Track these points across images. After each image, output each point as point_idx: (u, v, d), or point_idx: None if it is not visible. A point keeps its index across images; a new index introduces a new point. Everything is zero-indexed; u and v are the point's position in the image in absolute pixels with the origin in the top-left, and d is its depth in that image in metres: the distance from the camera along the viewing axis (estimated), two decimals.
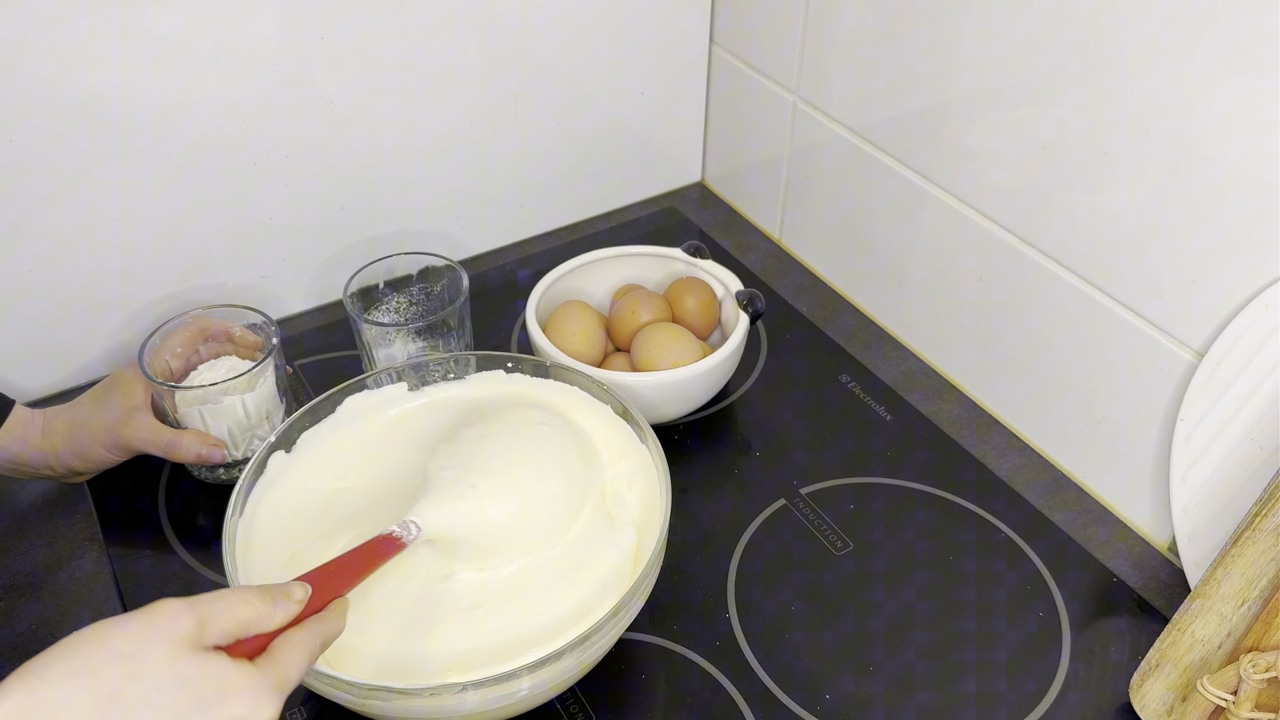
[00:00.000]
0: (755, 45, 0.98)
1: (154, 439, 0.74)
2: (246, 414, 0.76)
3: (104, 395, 0.76)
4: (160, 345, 0.77)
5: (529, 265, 1.01)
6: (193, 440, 0.74)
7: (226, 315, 0.80)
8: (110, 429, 0.74)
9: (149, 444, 0.74)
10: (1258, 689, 0.57)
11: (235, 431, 0.76)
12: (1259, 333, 0.65)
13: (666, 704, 0.66)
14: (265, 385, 0.77)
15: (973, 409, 0.87)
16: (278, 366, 0.78)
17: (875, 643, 0.70)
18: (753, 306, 0.83)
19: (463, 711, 0.58)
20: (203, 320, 0.79)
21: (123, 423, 0.74)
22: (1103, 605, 0.72)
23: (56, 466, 0.75)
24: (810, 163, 0.97)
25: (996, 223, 0.80)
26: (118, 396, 0.75)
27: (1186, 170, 0.66)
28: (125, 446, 0.75)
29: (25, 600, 0.72)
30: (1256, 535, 0.59)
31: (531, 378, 0.75)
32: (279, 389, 0.78)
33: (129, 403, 0.75)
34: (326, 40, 0.83)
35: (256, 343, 0.80)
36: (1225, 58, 0.62)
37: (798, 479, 0.80)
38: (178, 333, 0.78)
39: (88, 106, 0.77)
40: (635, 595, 0.61)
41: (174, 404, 0.75)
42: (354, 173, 0.91)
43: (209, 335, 0.79)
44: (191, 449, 0.74)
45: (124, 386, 0.76)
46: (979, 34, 0.76)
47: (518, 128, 0.97)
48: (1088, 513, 0.79)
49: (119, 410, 0.75)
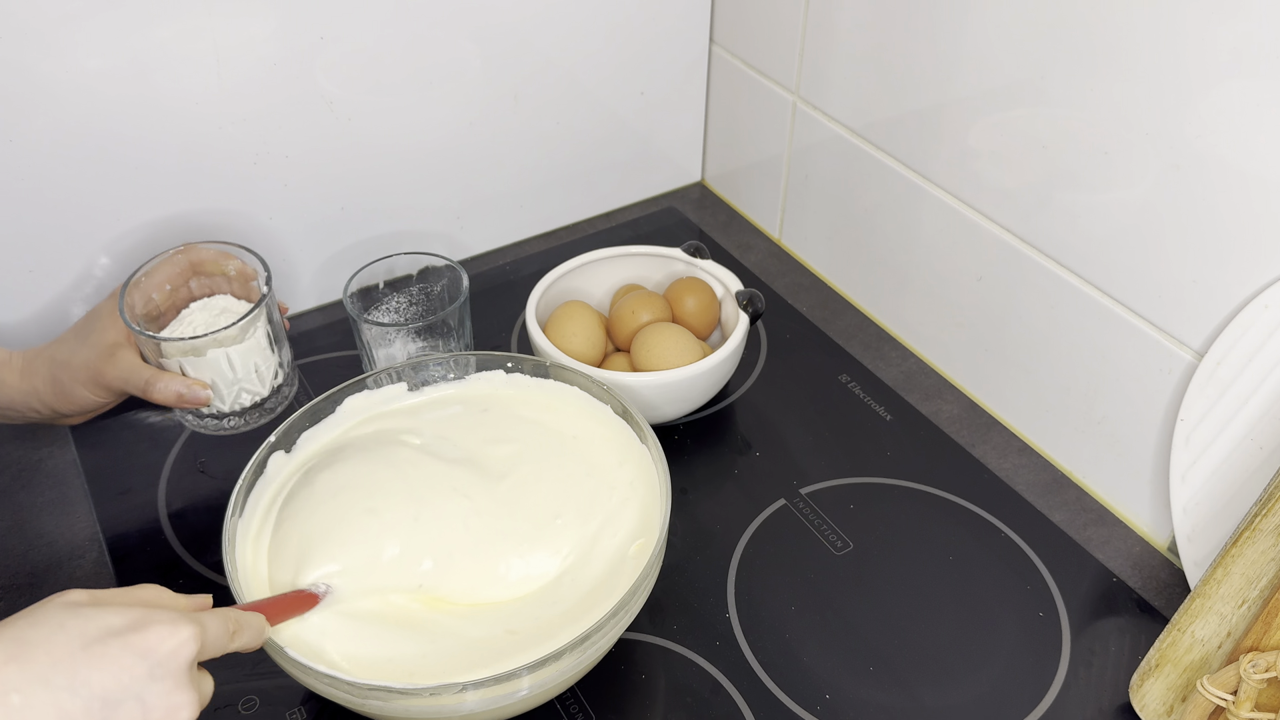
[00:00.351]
0: (755, 45, 0.98)
1: (133, 377, 0.70)
2: (232, 368, 0.71)
3: (84, 331, 0.72)
4: (144, 280, 0.72)
5: (529, 265, 1.01)
6: (173, 380, 0.70)
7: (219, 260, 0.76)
8: (91, 367, 0.71)
9: (128, 382, 0.71)
10: (1258, 689, 0.57)
11: (220, 385, 0.72)
12: (1259, 333, 0.65)
13: (666, 704, 0.66)
14: (254, 337, 0.72)
15: (973, 409, 0.87)
16: (270, 317, 0.73)
17: (875, 643, 0.70)
18: (753, 306, 0.83)
19: (463, 711, 0.58)
20: (195, 252, 0.74)
21: (102, 359, 0.70)
22: (1103, 605, 0.72)
23: (41, 408, 0.72)
24: (810, 163, 0.97)
25: (996, 223, 0.80)
26: (99, 331, 0.71)
27: (1186, 170, 0.66)
28: (106, 386, 0.71)
29: (25, 600, 0.72)
30: (1256, 535, 0.59)
31: (531, 378, 0.75)
32: (269, 341, 0.73)
33: (109, 339, 0.71)
34: (326, 40, 0.83)
35: (253, 289, 0.75)
36: (1224, 58, 0.62)
37: (798, 479, 0.80)
38: (164, 265, 0.73)
39: (87, 106, 0.77)
40: (635, 595, 0.61)
41: (153, 352, 0.71)
42: (354, 173, 0.91)
43: (201, 269, 0.74)
44: (171, 388, 0.70)
45: (104, 321, 0.72)
46: (979, 34, 0.76)
47: (518, 128, 0.97)
48: (1088, 513, 0.79)
49: (99, 346, 0.71)
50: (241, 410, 0.74)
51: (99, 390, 0.72)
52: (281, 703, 0.66)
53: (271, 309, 0.73)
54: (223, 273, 0.75)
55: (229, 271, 0.75)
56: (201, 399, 0.71)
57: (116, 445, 0.83)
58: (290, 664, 0.57)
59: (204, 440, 0.83)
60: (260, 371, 0.74)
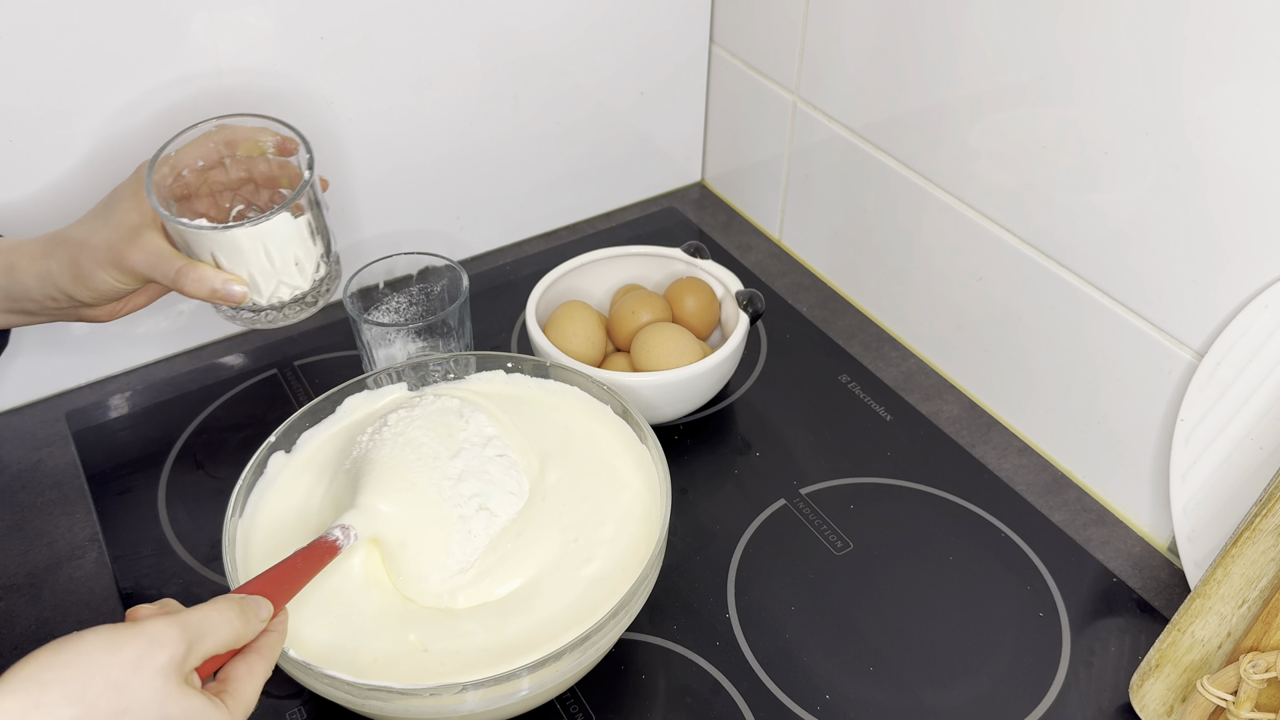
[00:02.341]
0: (755, 45, 0.98)
1: (161, 264, 0.64)
2: (270, 261, 0.65)
3: (106, 210, 0.66)
4: (174, 157, 0.65)
5: (529, 265, 1.01)
6: (206, 273, 0.64)
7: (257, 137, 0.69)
8: (113, 248, 0.64)
9: (155, 269, 0.64)
10: (1258, 689, 0.57)
11: (258, 278, 0.65)
12: (1259, 333, 0.65)
13: (666, 704, 0.66)
14: (295, 226, 0.65)
15: (973, 409, 0.87)
16: (312, 202, 0.66)
17: (875, 643, 0.70)
18: (753, 306, 0.83)
19: (463, 712, 0.58)
20: (229, 130, 0.68)
21: (126, 240, 0.64)
22: (1103, 605, 0.72)
23: (59, 296, 0.66)
24: (810, 163, 0.97)
25: (996, 223, 0.80)
26: (122, 211, 0.65)
27: (1186, 170, 0.66)
28: (130, 270, 0.64)
29: (25, 600, 0.72)
30: (1256, 535, 0.59)
31: (531, 378, 0.75)
32: (310, 231, 0.66)
33: (132, 219, 0.65)
34: (326, 40, 0.83)
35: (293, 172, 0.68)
36: (1224, 58, 0.62)
37: (798, 479, 0.80)
38: (196, 142, 0.67)
39: (87, 106, 0.77)
40: (635, 595, 0.61)
41: (183, 240, 0.64)
42: (354, 172, 0.91)
43: (236, 148, 0.68)
44: (205, 283, 0.64)
45: (128, 201, 0.65)
46: (979, 34, 0.76)
47: (518, 128, 0.97)
48: (1088, 513, 0.79)
49: (122, 227, 0.64)
50: (280, 305, 0.68)
51: (121, 275, 0.65)
52: (281, 703, 0.66)
53: (315, 193, 0.66)
54: (261, 152, 0.68)
55: (267, 150, 0.68)
56: (236, 296, 0.65)
57: (116, 445, 0.83)
58: (290, 664, 0.57)
59: (204, 440, 0.83)
60: (301, 263, 0.67)
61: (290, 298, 0.68)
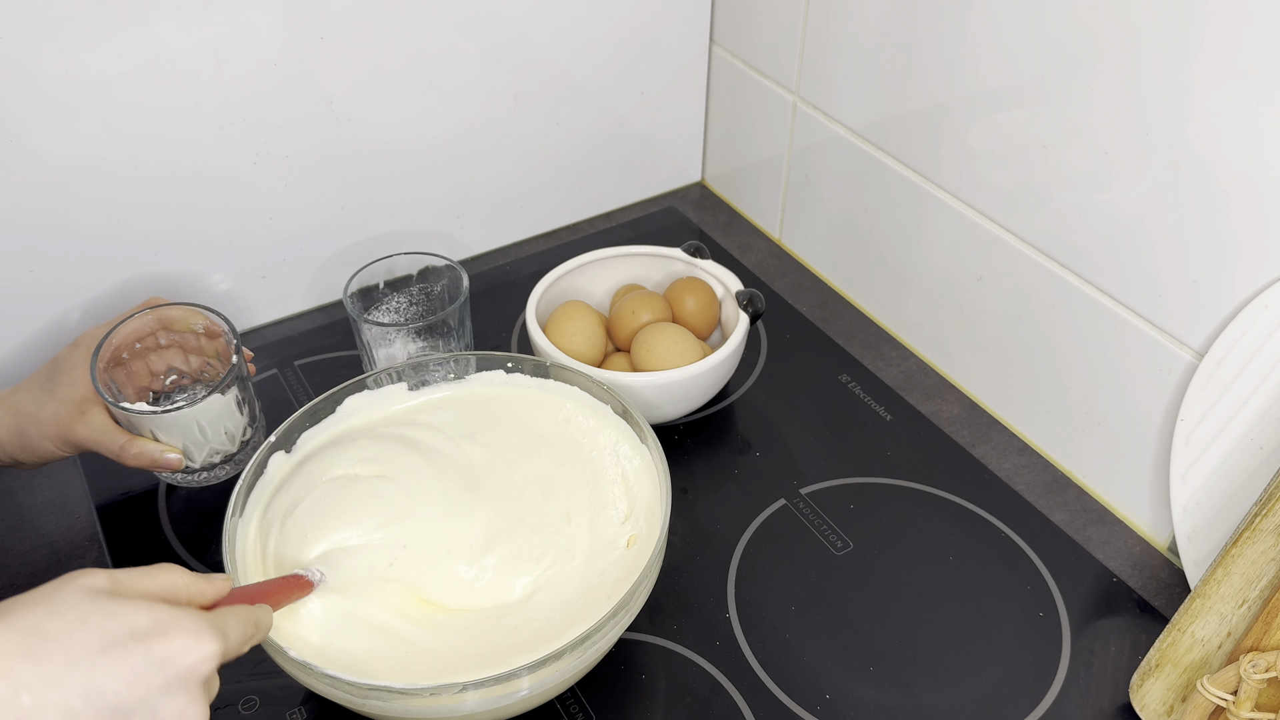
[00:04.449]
0: (755, 45, 0.98)
1: (106, 440, 0.69)
2: (203, 433, 0.73)
3: (49, 383, 0.70)
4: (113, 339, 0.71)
5: (529, 265, 1.01)
6: (146, 446, 0.70)
7: (188, 318, 0.76)
8: (60, 423, 0.69)
9: (100, 444, 0.69)
10: (1258, 689, 0.57)
11: (191, 448, 0.73)
12: (1259, 333, 0.65)
13: (666, 704, 0.66)
14: (224, 402, 0.73)
15: (973, 409, 0.87)
16: (238, 378, 0.73)
17: (875, 643, 0.70)
18: (753, 306, 0.83)
19: (463, 712, 0.58)
20: (163, 311, 0.74)
21: (72, 416, 0.69)
22: (1103, 605, 0.72)
23: (2, 457, 0.70)
24: (810, 163, 0.97)
25: (996, 223, 0.80)
26: (65, 385, 0.69)
27: (1187, 170, 0.66)
28: (76, 444, 0.70)
29: None
30: (1256, 535, 0.59)
31: (531, 378, 0.75)
32: (238, 403, 0.74)
33: (77, 394, 0.69)
34: (326, 40, 0.83)
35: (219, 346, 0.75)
36: (1224, 58, 0.62)
37: (798, 479, 0.80)
38: (132, 323, 0.73)
39: (86, 106, 0.77)
40: (635, 595, 0.61)
41: (126, 419, 0.71)
42: (354, 173, 0.91)
43: (169, 325, 0.74)
44: (146, 456, 0.70)
45: (70, 374, 0.70)
46: (979, 34, 0.76)
47: (518, 128, 0.97)
48: (1088, 513, 0.79)
49: (68, 402, 0.69)
50: (211, 466, 0.75)
51: (66, 446, 0.70)
52: (281, 703, 0.66)
53: (241, 369, 0.74)
54: (190, 329, 0.75)
55: (197, 328, 0.75)
56: (173, 464, 0.71)
57: None
58: (290, 664, 0.57)
59: None
60: (230, 432, 0.75)
61: (220, 460, 0.76)
